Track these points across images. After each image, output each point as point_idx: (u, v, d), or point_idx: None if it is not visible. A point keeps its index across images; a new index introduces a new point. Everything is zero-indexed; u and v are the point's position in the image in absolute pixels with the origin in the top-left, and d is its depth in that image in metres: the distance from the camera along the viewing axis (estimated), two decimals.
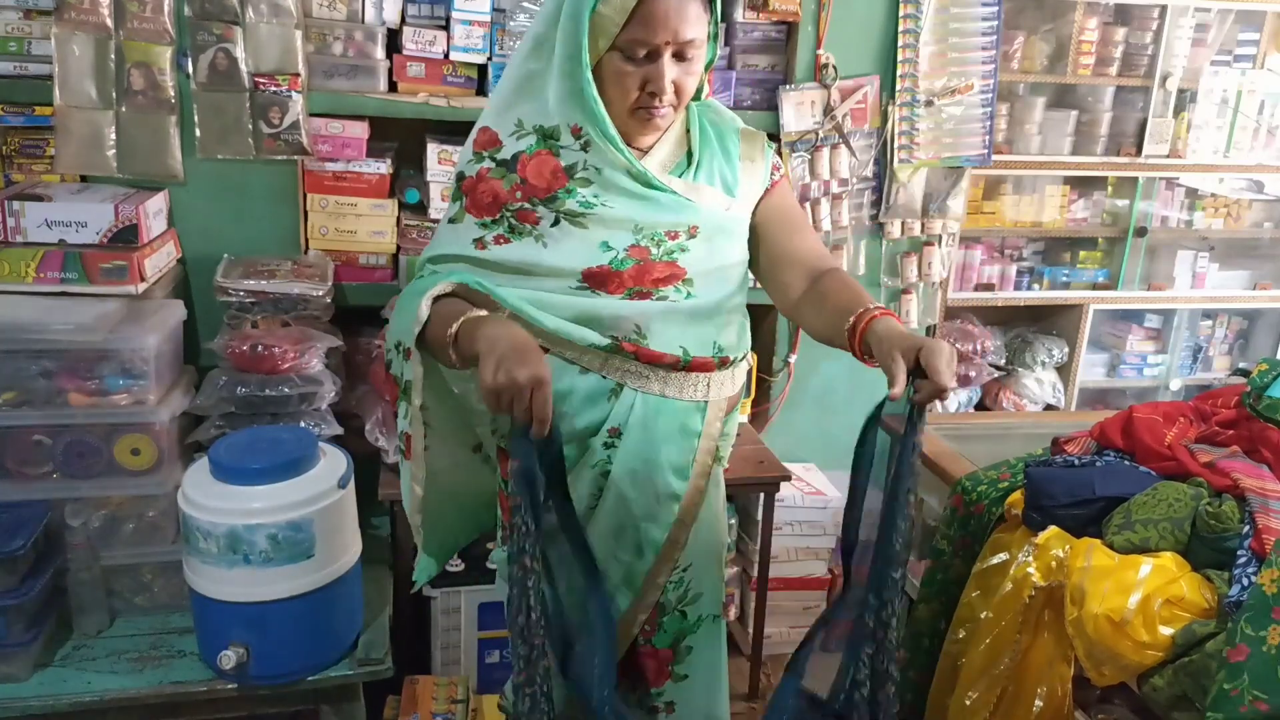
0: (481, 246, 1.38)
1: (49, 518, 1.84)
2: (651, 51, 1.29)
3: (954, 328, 3.15)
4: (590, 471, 1.43)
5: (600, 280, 1.36)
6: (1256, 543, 1.31)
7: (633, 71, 1.30)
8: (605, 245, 1.36)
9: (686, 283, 1.40)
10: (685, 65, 1.32)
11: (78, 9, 2.12)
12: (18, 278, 1.91)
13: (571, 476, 1.39)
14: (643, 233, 1.37)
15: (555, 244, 1.36)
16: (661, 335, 1.39)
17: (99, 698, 1.76)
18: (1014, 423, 2.40)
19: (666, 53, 1.29)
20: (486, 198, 1.37)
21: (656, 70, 1.30)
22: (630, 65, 1.30)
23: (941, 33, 2.68)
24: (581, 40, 1.28)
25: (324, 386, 2.09)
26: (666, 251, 1.38)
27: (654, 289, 1.38)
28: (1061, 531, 1.47)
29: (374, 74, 2.34)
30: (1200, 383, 3.56)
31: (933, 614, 1.75)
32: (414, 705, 2.18)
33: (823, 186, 2.70)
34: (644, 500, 1.43)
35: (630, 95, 1.32)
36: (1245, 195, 3.45)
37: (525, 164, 1.36)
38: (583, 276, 1.36)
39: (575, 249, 1.36)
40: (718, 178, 1.44)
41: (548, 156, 1.36)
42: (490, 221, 1.38)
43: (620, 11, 1.26)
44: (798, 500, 2.73)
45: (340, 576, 1.81)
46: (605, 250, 1.36)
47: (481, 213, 1.38)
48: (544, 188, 1.36)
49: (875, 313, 1.31)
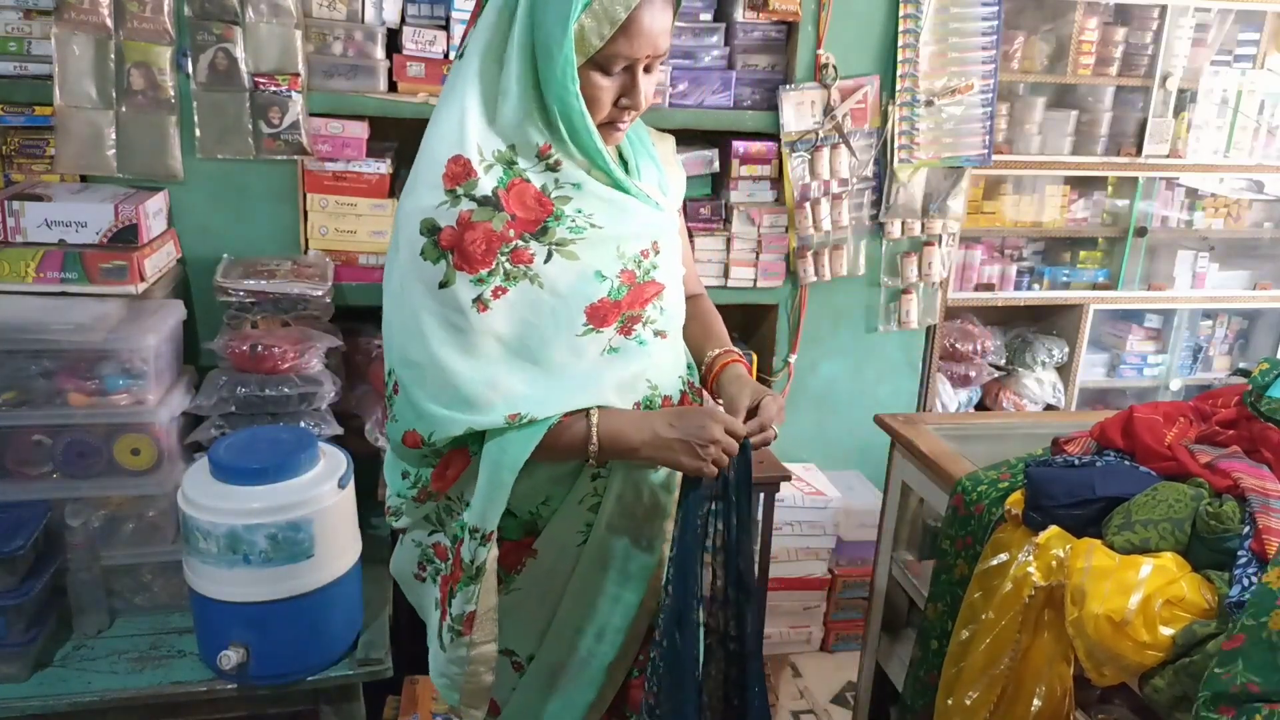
0: (483, 308, 1.23)
1: (49, 518, 1.84)
2: (629, 65, 1.23)
3: (954, 328, 3.15)
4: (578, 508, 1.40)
5: (602, 316, 1.30)
6: (1257, 543, 1.31)
7: (608, 86, 1.24)
8: (599, 275, 1.28)
9: (660, 298, 1.37)
10: (652, 75, 1.28)
11: (78, 9, 2.12)
12: (18, 278, 1.91)
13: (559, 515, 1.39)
14: (625, 254, 1.31)
15: (552, 283, 1.26)
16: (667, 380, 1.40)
17: (99, 698, 1.76)
18: (1014, 423, 2.40)
19: (642, 66, 1.24)
20: (479, 247, 1.21)
21: (633, 84, 1.25)
22: (605, 80, 1.23)
23: (941, 33, 2.68)
24: (568, 53, 1.17)
25: (324, 386, 2.09)
26: (645, 271, 1.34)
27: (642, 310, 1.34)
28: (1062, 531, 1.47)
29: (374, 74, 2.34)
30: (1200, 383, 3.56)
31: (940, 615, 1.74)
32: (414, 705, 2.18)
33: (823, 186, 2.70)
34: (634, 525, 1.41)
35: (604, 110, 1.25)
36: (1245, 195, 3.45)
37: (506, 197, 1.23)
38: (587, 316, 1.29)
39: (573, 284, 1.27)
40: (655, 180, 1.41)
41: (523, 184, 1.24)
42: (486, 274, 1.22)
43: (607, 25, 1.17)
44: (798, 500, 2.73)
45: (340, 576, 1.81)
46: (601, 280, 1.29)
47: (475, 266, 1.21)
48: (533, 220, 1.24)
49: (728, 359, 1.46)
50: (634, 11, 1.18)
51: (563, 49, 1.17)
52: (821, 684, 2.71)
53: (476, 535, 1.30)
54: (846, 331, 2.89)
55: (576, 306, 1.28)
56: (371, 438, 2.27)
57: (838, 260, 2.77)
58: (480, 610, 1.34)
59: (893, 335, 2.93)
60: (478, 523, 1.29)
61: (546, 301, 1.26)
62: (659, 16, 1.21)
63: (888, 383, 2.98)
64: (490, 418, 1.25)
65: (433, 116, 1.28)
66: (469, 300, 1.22)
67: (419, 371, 1.26)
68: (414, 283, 1.24)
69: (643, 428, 1.29)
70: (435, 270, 1.21)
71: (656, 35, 1.22)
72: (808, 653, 2.87)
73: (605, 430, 1.28)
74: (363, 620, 1.94)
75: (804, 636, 2.87)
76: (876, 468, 2.37)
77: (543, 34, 1.19)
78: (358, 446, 2.13)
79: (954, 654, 1.60)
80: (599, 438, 1.28)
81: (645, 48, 1.22)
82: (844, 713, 2.57)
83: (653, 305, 1.36)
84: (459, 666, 1.40)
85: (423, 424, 1.26)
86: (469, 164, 1.21)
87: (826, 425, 2.96)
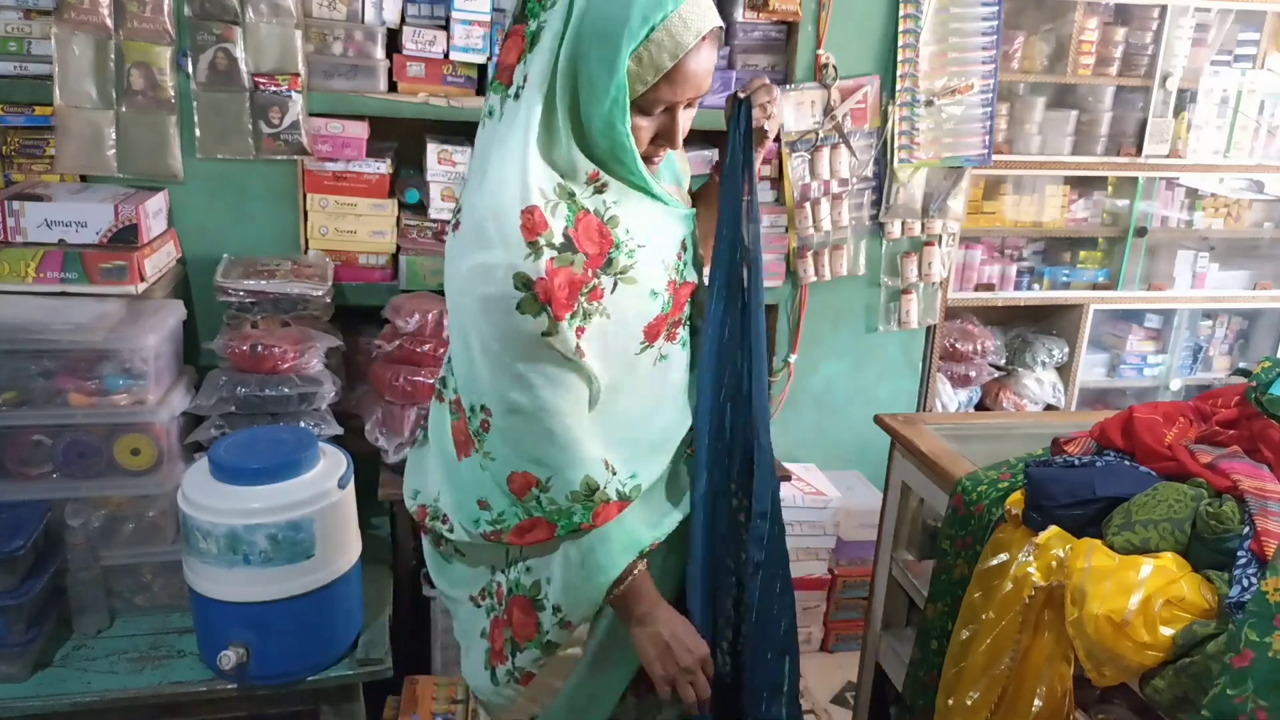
0: (581, 353, 1.23)
1: (49, 518, 1.83)
2: (670, 106, 1.24)
3: (954, 328, 3.15)
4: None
5: (655, 331, 1.31)
6: (1256, 544, 1.31)
7: (646, 126, 1.24)
8: (653, 293, 1.29)
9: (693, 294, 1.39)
10: (690, 110, 1.28)
11: (78, 9, 2.12)
12: (18, 278, 1.91)
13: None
14: (666, 265, 1.31)
15: (620, 312, 1.26)
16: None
17: (99, 698, 1.76)
18: (1014, 423, 2.40)
19: (682, 106, 1.25)
20: (564, 292, 1.20)
21: (672, 124, 1.25)
22: (645, 120, 1.23)
23: (941, 33, 2.68)
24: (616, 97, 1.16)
25: (324, 386, 2.09)
26: (680, 274, 1.35)
27: (680, 313, 1.36)
28: (1062, 531, 1.47)
29: (374, 74, 2.34)
30: (1200, 383, 3.56)
31: (940, 615, 1.74)
32: (414, 705, 2.18)
33: (823, 186, 2.70)
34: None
35: (641, 147, 1.24)
36: (1245, 195, 3.45)
37: (577, 237, 1.21)
38: (644, 334, 1.30)
39: (635, 308, 1.28)
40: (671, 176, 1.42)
41: (586, 217, 1.23)
42: (571, 316, 1.21)
43: (651, 72, 1.17)
44: (798, 500, 2.73)
45: (340, 576, 1.81)
46: (654, 298, 1.29)
47: (565, 310, 1.20)
48: (599, 254, 1.23)
49: None
50: (681, 58, 1.17)
51: (609, 93, 1.16)
52: (821, 684, 2.71)
53: (559, 615, 1.33)
54: (846, 331, 2.89)
55: (637, 328, 1.29)
56: (371, 438, 2.27)
57: (838, 260, 2.77)
58: (541, 677, 1.39)
59: (893, 335, 2.93)
60: (565, 609, 1.33)
61: (613, 331, 1.27)
62: (704, 59, 1.21)
63: (888, 383, 2.98)
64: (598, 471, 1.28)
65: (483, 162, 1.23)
66: (572, 346, 1.22)
67: (525, 418, 1.25)
68: (511, 339, 1.21)
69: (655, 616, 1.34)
70: (537, 322, 1.19)
71: (701, 78, 1.22)
72: (808, 653, 2.87)
73: (635, 587, 1.33)
74: (363, 620, 1.94)
75: (804, 636, 2.87)
76: (876, 468, 2.37)
77: (588, 76, 1.18)
78: (358, 446, 2.13)
79: (954, 654, 1.60)
80: (627, 588, 1.32)
81: (689, 91, 1.22)
82: (844, 713, 2.57)
83: (688, 304, 1.38)
84: (502, 699, 1.44)
85: (538, 469, 1.27)
86: (538, 211, 1.18)
87: (826, 425, 2.96)
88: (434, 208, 2.42)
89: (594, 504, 1.27)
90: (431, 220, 2.43)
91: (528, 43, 1.21)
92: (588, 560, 1.30)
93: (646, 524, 1.35)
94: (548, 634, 1.35)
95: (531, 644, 1.36)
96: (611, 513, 1.29)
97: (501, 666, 1.40)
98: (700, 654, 1.35)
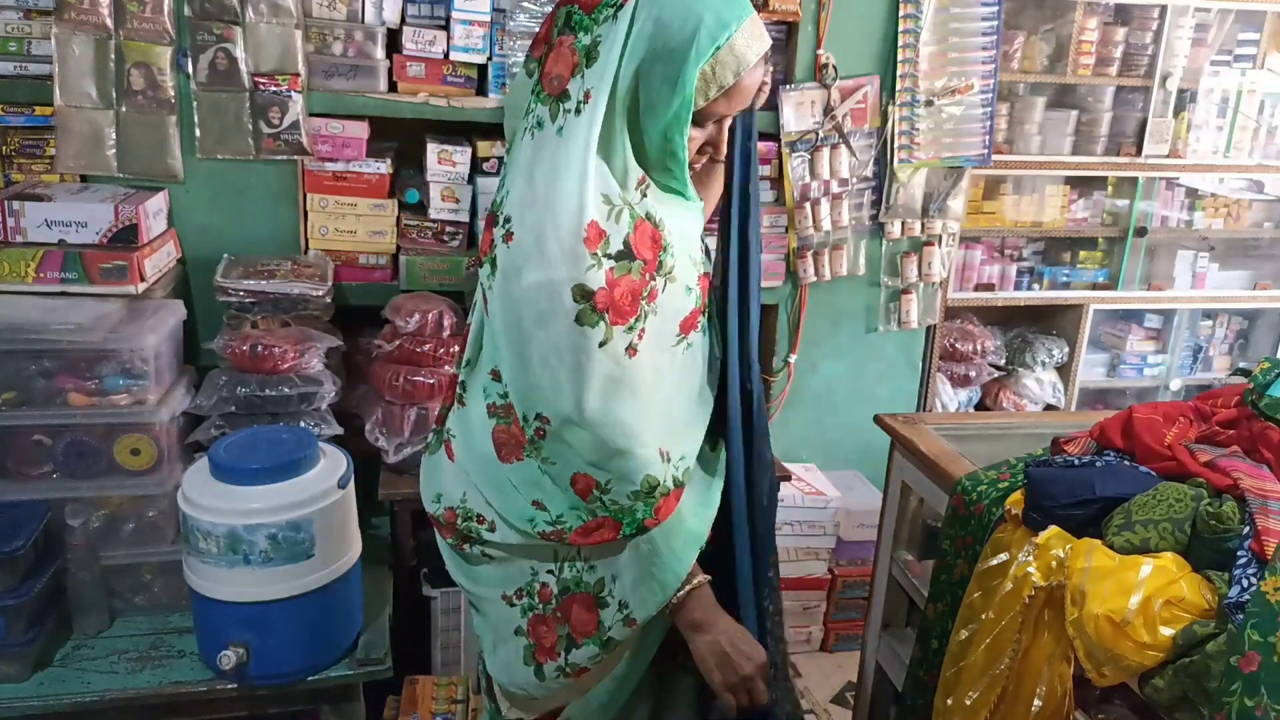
0: (633, 353, 1.25)
1: (49, 518, 1.83)
2: (722, 119, 1.28)
3: (954, 328, 3.15)
4: None
5: (689, 324, 1.34)
6: (1256, 544, 1.31)
7: (698, 137, 1.28)
8: (688, 289, 1.32)
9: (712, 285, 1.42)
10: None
11: (78, 9, 2.13)
12: (18, 278, 1.91)
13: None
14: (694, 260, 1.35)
15: (664, 309, 1.29)
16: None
17: (99, 698, 1.76)
18: (1014, 423, 2.39)
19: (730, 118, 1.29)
20: (626, 300, 1.22)
21: (719, 134, 1.29)
22: (698, 131, 1.27)
23: (941, 33, 2.68)
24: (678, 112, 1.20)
25: (324, 386, 2.09)
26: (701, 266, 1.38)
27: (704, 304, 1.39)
28: (1062, 531, 1.46)
29: (374, 74, 2.34)
30: (1200, 383, 3.56)
31: (940, 615, 1.74)
32: (414, 705, 2.18)
33: (823, 186, 2.70)
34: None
35: (690, 157, 1.28)
36: (1245, 195, 3.45)
37: (635, 243, 1.23)
38: (680, 328, 1.33)
39: (675, 305, 1.31)
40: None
41: (641, 222, 1.25)
42: (634, 321, 1.24)
43: (714, 88, 1.21)
44: (798, 500, 2.73)
45: (340, 576, 1.81)
46: (688, 293, 1.32)
47: (626, 317, 1.23)
48: (654, 258, 1.26)
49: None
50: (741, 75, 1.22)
51: (671, 108, 1.19)
52: (821, 684, 2.71)
53: (624, 612, 1.34)
54: (846, 331, 2.89)
55: (675, 324, 1.32)
56: (371, 438, 2.27)
57: (838, 260, 2.77)
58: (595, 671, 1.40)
59: (893, 335, 2.93)
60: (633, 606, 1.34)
61: (658, 327, 1.29)
62: (759, 75, 1.26)
63: (888, 383, 2.98)
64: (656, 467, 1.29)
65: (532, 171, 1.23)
66: (623, 349, 1.24)
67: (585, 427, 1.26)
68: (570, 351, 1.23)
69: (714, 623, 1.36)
70: (595, 332, 1.21)
71: (753, 92, 1.28)
72: (808, 653, 2.87)
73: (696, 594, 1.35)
74: (363, 620, 1.94)
75: (804, 636, 2.87)
76: (876, 468, 2.37)
77: (649, 91, 1.20)
78: (358, 446, 2.13)
79: (954, 654, 1.60)
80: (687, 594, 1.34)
81: (742, 105, 1.27)
82: (844, 713, 2.57)
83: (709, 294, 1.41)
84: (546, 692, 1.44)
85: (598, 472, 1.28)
86: (598, 224, 1.20)
87: (826, 425, 2.96)
88: (434, 208, 2.42)
89: (655, 499, 1.29)
90: (431, 220, 2.43)
91: (582, 56, 1.21)
92: (656, 559, 1.32)
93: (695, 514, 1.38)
94: (609, 631, 1.35)
95: (590, 640, 1.37)
96: (671, 505, 1.31)
97: (552, 663, 1.40)
98: (759, 661, 1.36)
